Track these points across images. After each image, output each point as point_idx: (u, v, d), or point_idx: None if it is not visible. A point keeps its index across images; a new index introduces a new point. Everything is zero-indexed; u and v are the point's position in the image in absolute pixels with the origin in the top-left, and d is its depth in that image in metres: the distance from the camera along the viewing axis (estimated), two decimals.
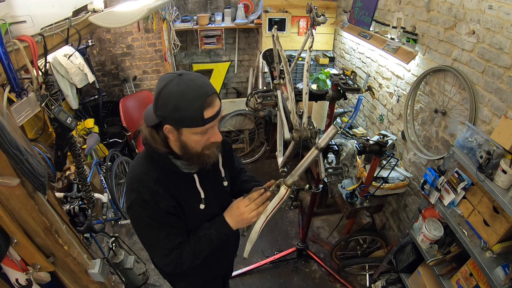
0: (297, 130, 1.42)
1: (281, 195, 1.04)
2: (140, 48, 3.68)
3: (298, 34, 3.46)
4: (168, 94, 0.87)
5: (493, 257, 1.36)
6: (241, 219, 1.07)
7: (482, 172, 1.31)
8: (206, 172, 1.08)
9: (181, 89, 0.87)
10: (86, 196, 2.12)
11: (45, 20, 1.39)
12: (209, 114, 0.90)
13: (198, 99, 0.87)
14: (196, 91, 0.88)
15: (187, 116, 0.88)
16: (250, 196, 1.07)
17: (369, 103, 2.87)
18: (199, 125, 0.90)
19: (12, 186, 1.05)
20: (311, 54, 1.69)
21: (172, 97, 0.87)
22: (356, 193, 2.18)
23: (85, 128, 2.84)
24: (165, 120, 0.91)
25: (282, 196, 1.05)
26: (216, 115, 0.93)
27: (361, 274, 2.57)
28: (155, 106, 0.91)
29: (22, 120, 1.37)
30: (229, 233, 1.09)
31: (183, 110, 0.87)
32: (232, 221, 1.09)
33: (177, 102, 0.86)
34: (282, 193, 1.04)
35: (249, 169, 3.85)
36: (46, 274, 1.33)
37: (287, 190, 1.04)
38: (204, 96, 0.88)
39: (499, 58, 1.49)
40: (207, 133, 0.95)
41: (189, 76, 0.90)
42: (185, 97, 0.86)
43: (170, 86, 0.87)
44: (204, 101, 0.88)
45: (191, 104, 0.87)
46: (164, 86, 0.88)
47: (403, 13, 2.22)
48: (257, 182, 1.28)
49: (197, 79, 0.91)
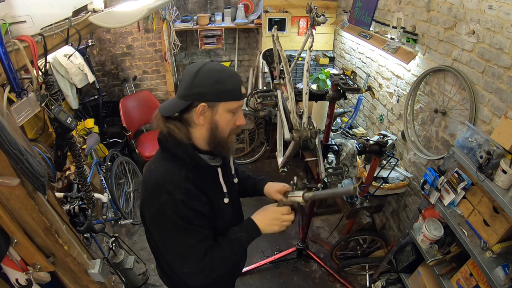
0: (297, 130, 1.42)
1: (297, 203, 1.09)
2: (140, 48, 3.68)
3: (298, 34, 3.46)
4: (209, 71, 0.93)
5: (493, 257, 1.36)
6: (274, 224, 1.06)
7: (482, 172, 1.31)
8: (224, 166, 1.11)
9: (219, 68, 0.95)
10: (86, 196, 2.12)
11: (45, 20, 1.39)
12: (243, 90, 0.98)
13: (235, 76, 0.97)
14: (231, 70, 1.00)
15: (229, 88, 0.94)
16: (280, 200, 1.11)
17: (369, 103, 2.87)
18: (238, 98, 0.96)
19: (12, 186, 1.05)
20: (311, 54, 1.69)
21: (214, 72, 0.93)
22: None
23: (85, 128, 2.84)
24: (202, 97, 0.92)
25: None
26: (245, 94, 1.00)
27: (361, 274, 2.57)
28: (191, 85, 0.92)
29: (22, 120, 1.37)
30: (257, 237, 1.07)
31: (225, 83, 0.93)
32: (263, 224, 1.06)
33: (220, 75, 0.93)
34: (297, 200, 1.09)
35: (249, 169, 3.85)
36: (46, 274, 1.33)
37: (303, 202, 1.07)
38: (238, 75, 0.99)
39: (499, 58, 1.49)
40: (236, 114, 0.99)
41: (218, 64, 0.99)
42: (225, 72, 0.95)
43: (209, 65, 0.94)
44: (239, 78, 0.98)
45: (231, 78, 0.95)
46: (201, 67, 0.93)
47: (403, 13, 2.22)
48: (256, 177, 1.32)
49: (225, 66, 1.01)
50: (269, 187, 1.24)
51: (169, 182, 0.95)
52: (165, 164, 1.00)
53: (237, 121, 1.01)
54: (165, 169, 0.99)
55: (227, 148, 1.03)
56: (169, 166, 0.99)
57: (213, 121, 0.96)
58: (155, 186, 0.96)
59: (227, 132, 0.99)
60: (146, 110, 3.59)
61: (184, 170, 0.98)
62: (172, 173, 0.97)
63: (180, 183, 0.96)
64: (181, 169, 0.98)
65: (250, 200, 1.41)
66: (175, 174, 0.97)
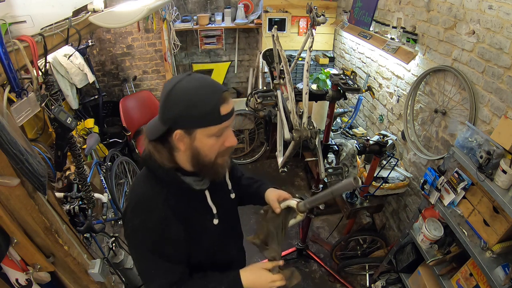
0: (297, 130, 1.42)
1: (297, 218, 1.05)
2: (140, 48, 3.67)
3: (298, 34, 3.46)
4: (180, 91, 0.81)
5: (493, 257, 1.36)
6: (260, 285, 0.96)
7: (482, 172, 1.31)
8: (215, 186, 1.00)
9: (194, 85, 0.82)
10: (86, 196, 2.12)
11: (45, 20, 1.39)
12: (225, 110, 0.82)
13: (213, 94, 0.81)
14: (210, 86, 0.83)
15: (203, 112, 0.80)
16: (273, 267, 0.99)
17: (369, 103, 2.87)
18: (216, 123, 0.82)
19: (12, 186, 1.05)
20: (311, 54, 1.69)
21: (185, 94, 0.80)
22: (356, 193, 2.18)
23: (85, 128, 2.84)
24: (176, 124, 0.82)
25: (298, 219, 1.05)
26: (231, 112, 0.85)
27: (361, 274, 2.57)
28: (164, 109, 0.83)
29: (22, 120, 1.37)
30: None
31: (198, 106, 0.79)
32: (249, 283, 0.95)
33: (191, 98, 0.80)
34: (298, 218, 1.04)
35: (249, 169, 3.85)
36: (46, 274, 1.34)
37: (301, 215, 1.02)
38: (219, 92, 0.82)
39: (499, 58, 1.49)
40: (222, 136, 0.87)
41: (199, 75, 0.86)
42: (199, 92, 0.81)
43: (181, 84, 0.82)
44: (219, 96, 0.81)
45: (206, 98, 0.80)
46: (174, 85, 0.82)
47: (403, 13, 2.22)
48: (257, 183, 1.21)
49: (208, 77, 0.88)
50: (270, 192, 1.13)
51: (145, 206, 0.90)
52: (146, 184, 0.93)
53: (226, 142, 0.89)
54: (145, 191, 0.93)
55: (215, 172, 0.92)
56: (148, 187, 0.92)
57: (193, 147, 0.85)
58: (132, 208, 0.92)
59: (212, 156, 0.88)
60: (146, 110, 3.59)
61: (164, 193, 0.90)
62: (150, 197, 0.91)
63: (156, 210, 0.89)
64: (161, 193, 0.90)
65: None
66: (153, 199, 0.90)
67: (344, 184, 0.87)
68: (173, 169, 0.90)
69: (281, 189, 1.13)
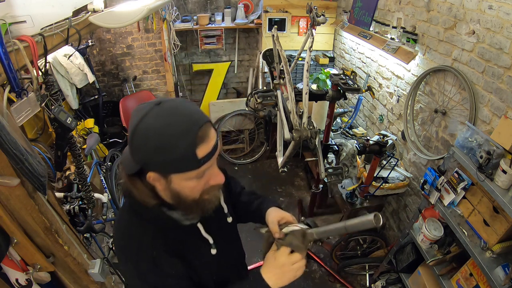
0: (297, 130, 1.42)
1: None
2: (140, 48, 3.68)
3: (298, 34, 3.46)
4: (146, 131, 0.66)
5: (493, 257, 1.36)
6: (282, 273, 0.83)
7: (482, 172, 1.31)
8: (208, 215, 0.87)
9: (162, 123, 0.66)
10: (86, 196, 2.12)
11: (45, 20, 1.39)
12: (204, 151, 0.69)
13: (187, 133, 0.66)
14: (183, 122, 0.67)
15: (175, 158, 0.67)
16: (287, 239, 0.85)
17: (369, 103, 2.87)
18: (192, 168, 0.69)
19: (12, 186, 1.06)
20: (311, 54, 1.69)
21: (151, 135, 0.66)
22: (356, 193, 2.18)
23: (85, 128, 2.84)
24: (146, 166, 0.71)
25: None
26: (213, 151, 0.71)
27: (361, 274, 2.57)
28: (131, 148, 0.71)
29: (22, 120, 1.37)
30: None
31: (168, 151, 0.66)
32: (271, 277, 0.82)
33: (160, 140, 0.65)
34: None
35: (249, 169, 3.85)
36: (46, 274, 1.34)
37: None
38: (195, 127, 0.67)
39: (499, 58, 1.49)
40: (205, 176, 0.74)
41: (171, 104, 0.69)
42: (169, 132, 0.65)
43: (148, 120, 0.66)
44: (195, 135, 0.67)
45: (179, 141, 0.66)
46: (139, 121, 0.67)
47: (403, 13, 2.22)
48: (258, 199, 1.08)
49: (182, 106, 0.70)
50: (271, 213, 0.99)
51: (133, 250, 0.80)
52: (130, 224, 0.82)
53: (212, 180, 0.77)
54: (129, 233, 0.82)
55: (201, 210, 0.80)
56: (134, 228, 0.81)
57: (171, 189, 0.74)
58: (120, 248, 0.83)
59: (196, 196, 0.76)
60: None
61: (151, 231, 0.80)
62: (136, 239, 0.80)
63: (146, 252, 0.78)
64: (147, 233, 0.79)
65: None
66: (140, 241, 0.80)
67: (362, 221, 0.74)
68: (157, 206, 0.78)
69: (281, 190, 1.08)
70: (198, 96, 4.10)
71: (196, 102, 4.07)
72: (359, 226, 0.76)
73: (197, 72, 3.94)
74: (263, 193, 3.52)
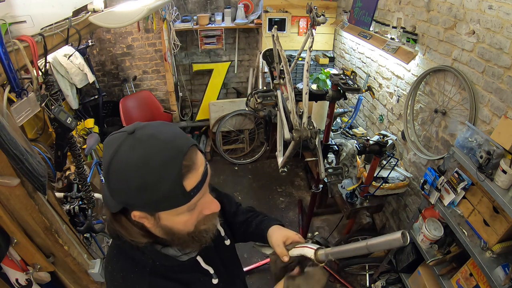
0: (297, 130, 1.42)
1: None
2: (140, 48, 3.68)
3: (298, 34, 3.46)
4: (122, 168, 0.57)
5: (493, 257, 1.36)
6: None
7: (482, 172, 1.31)
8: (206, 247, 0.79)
9: (139, 156, 0.57)
10: (86, 196, 2.12)
11: (45, 20, 1.39)
12: (192, 182, 0.61)
13: (170, 165, 0.57)
14: (164, 152, 0.58)
15: (160, 196, 0.58)
16: None
17: (369, 103, 2.87)
18: (182, 203, 0.61)
19: (12, 186, 1.06)
20: (311, 54, 1.69)
21: (129, 173, 0.57)
22: (356, 193, 2.18)
23: (85, 128, 2.84)
24: (130, 207, 0.63)
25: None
26: (203, 179, 0.63)
27: (361, 274, 2.57)
28: (109, 188, 0.62)
29: (22, 120, 1.37)
30: None
31: (152, 190, 0.57)
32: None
33: (140, 178, 0.56)
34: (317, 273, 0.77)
35: (249, 169, 3.85)
36: (46, 274, 1.34)
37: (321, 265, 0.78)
38: (179, 156, 0.58)
39: (499, 58, 1.49)
40: (197, 207, 0.66)
41: (146, 131, 0.60)
42: (149, 166, 0.56)
43: (122, 155, 0.57)
44: (180, 165, 0.58)
45: (162, 175, 0.57)
46: (112, 156, 0.58)
47: (403, 13, 2.22)
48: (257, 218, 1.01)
49: (160, 132, 0.60)
50: (274, 232, 0.90)
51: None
52: (123, 269, 0.72)
53: (204, 210, 0.68)
54: (123, 278, 0.71)
55: (199, 242, 0.72)
56: (127, 273, 0.71)
57: (162, 226, 0.66)
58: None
59: (190, 229, 0.69)
60: (146, 110, 3.60)
61: (147, 276, 0.70)
62: (131, 286, 0.71)
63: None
64: (143, 277, 0.70)
65: None
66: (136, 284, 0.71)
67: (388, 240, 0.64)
68: (149, 244, 0.70)
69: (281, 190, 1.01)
70: (198, 96, 4.10)
71: (196, 102, 4.08)
72: (384, 245, 0.65)
73: (197, 72, 3.94)
74: (263, 193, 3.55)
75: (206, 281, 0.81)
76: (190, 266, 0.78)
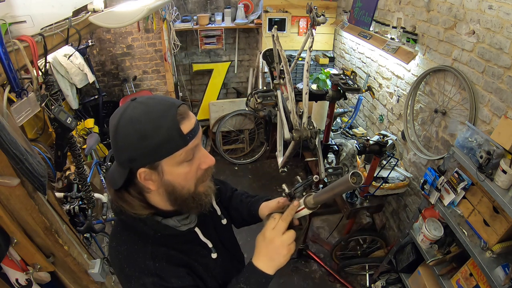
0: (297, 130, 1.42)
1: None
2: (140, 48, 3.68)
3: (298, 34, 3.46)
4: (127, 124, 0.67)
5: (493, 257, 1.36)
6: (273, 250, 0.77)
7: (482, 172, 1.31)
8: (204, 218, 0.88)
9: (140, 111, 0.68)
10: (86, 196, 2.12)
11: (45, 20, 1.39)
12: (187, 127, 0.69)
13: (167, 113, 0.68)
14: (160, 105, 0.69)
15: (161, 140, 0.66)
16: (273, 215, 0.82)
17: (369, 103, 2.87)
18: (180, 146, 0.69)
19: (12, 186, 1.06)
20: (311, 54, 1.69)
21: (133, 126, 0.67)
22: (356, 193, 2.18)
23: (85, 128, 2.84)
24: (135, 163, 0.70)
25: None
26: (196, 128, 0.72)
27: (361, 274, 2.57)
28: (116, 150, 0.71)
29: (22, 120, 1.37)
30: (264, 280, 0.79)
31: (153, 135, 0.66)
32: (264, 260, 0.79)
33: (142, 127, 0.66)
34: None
35: (249, 169, 3.86)
36: (46, 274, 1.34)
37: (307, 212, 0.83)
38: (173, 107, 0.69)
39: (499, 58, 1.49)
40: (195, 159, 0.74)
41: (145, 97, 0.73)
42: (149, 116, 0.67)
43: (126, 115, 0.68)
44: (175, 114, 0.68)
45: (161, 121, 0.67)
46: (118, 120, 0.69)
47: (403, 13, 2.22)
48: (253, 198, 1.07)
49: (155, 96, 0.74)
50: (263, 208, 0.98)
51: (134, 267, 0.77)
52: (126, 242, 0.79)
53: (202, 164, 0.75)
54: (127, 250, 0.78)
55: (199, 204, 0.79)
56: (131, 245, 0.79)
57: (165, 183, 0.73)
58: (120, 271, 0.79)
59: (190, 186, 0.76)
60: None
61: (149, 246, 0.78)
62: (135, 255, 0.77)
63: (147, 266, 0.76)
64: (146, 246, 0.77)
65: None
66: (139, 256, 0.77)
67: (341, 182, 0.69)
68: (151, 215, 0.77)
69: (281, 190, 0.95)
70: (198, 96, 4.10)
71: (196, 102, 4.08)
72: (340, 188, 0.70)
73: (197, 72, 3.94)
74: (263, 193, 3.52)
75: (205, 254, 0.87)
76: (189, 238, 0.85)
